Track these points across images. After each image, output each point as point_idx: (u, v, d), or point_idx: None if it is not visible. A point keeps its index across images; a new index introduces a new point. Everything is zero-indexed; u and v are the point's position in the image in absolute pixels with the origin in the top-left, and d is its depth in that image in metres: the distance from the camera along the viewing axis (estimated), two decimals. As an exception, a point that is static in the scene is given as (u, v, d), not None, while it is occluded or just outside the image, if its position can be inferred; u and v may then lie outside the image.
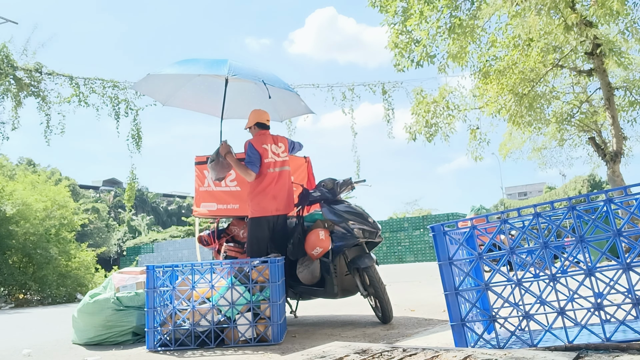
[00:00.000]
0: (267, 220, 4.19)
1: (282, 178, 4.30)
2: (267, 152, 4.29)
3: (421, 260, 24.03)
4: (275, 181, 4.25)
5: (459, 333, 2.36)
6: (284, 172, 4.33)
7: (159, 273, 3.58)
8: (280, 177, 4.28)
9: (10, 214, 10.63)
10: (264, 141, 4.31)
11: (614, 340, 2.03)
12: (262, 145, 4.28)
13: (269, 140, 4.34)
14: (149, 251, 28.97)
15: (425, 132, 12.94)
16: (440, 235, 2.44)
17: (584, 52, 10.82)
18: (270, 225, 4.21)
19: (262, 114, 4.48)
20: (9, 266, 10.57)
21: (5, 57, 13.81)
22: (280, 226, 4.30)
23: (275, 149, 4.34)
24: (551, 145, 15.95)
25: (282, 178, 4.30)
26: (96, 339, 3.87)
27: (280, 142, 4.41)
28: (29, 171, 16.71)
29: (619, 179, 11.58)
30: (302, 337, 3.75)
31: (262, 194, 4.20)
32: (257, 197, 4.21)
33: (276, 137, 4.42)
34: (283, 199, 4.27)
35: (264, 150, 4.28)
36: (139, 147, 15.12)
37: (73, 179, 39.14)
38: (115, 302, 3.91)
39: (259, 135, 4.37)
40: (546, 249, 2.21)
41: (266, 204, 4.19)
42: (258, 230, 4.19)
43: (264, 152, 4.27)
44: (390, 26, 10.88)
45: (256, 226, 4.20)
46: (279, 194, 4.24)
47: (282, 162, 4.33)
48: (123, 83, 15.02)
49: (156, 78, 4.69)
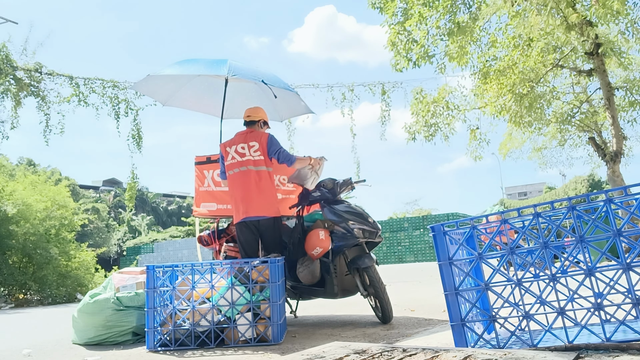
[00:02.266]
0: (246, 224, 4.01)
1: (242, 179, 4.01)
2: (228, 154, 4.11)
3: (421, 260, 24.03)
4: (236, 184, 4.04)
5: (459, 333, 2.36)
6: (244, 172, 4.02)
7: (159, 273, 3.58)
8: (238, 178, 4.03)
9: (11, 214, 10.63)
10: (231, 142, 4.15)
11: (614, 340, 2.03)
12: (226, 147, 4.14)
13: (239, 140, 4.12)
14: (149, 251, 28.98)
15: (425, 132, 12.94)
16: (440, 235, 2.44)
17: (585, 52, 10.82)
18: (252, 228, 4.01)
19: (246, 111, 4.31)
20: (9, 266, 10.57)
21: (5, 57, 13.82)
22: (265, 229, 4.02)
23: (241, 148, 4.07)
24: (551, 145, 15.96)
25: (241, 179, 4.01)
26: (96, 339, 3.87)
27: (253, 140, 4.09)
28: (29, 171, 16.69)
29: (619, 179, 11.58)
30: (302, 337, 3.75)
31: (231, 200, 4.16)
32: (230, 204, 4.19)
33: (251, 136, 4.12)
34: (251, 202, 3.98)
35: (226, 153, 4.13)
36: (140, 147, 15.13)
37: (73, 179, 39.14)
38: (115, 302, 3.91)
39: (234, 136, 4.21)
40: (546, 249, 2.21)
41: (235, 209, 4.07)
42: (241, 234, 4.08)
43: (226, 155, 4.13)
44: (390, 27, 10.90)
45: (239, 231, 4.11)
46: (245, 196, 3.99)
47: (243, 162, 4.04)
48: (123, 83, 15.04)
49: (156, 78, 4.70)
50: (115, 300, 3.92)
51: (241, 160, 4.05)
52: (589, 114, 13.84)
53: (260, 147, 4.08)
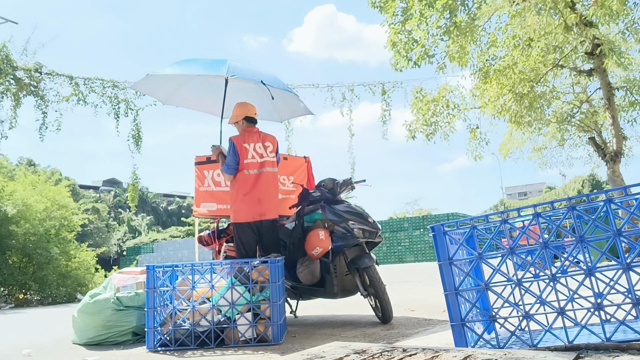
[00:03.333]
0: (249, 225, 4.00)
1: (262, 180, 4.02)
2: (247, 152, 4.01)
3: (421, 260, 24.03)
4: (253, 184, 3.99)
5: (459, 333, 2.36)
6: (264, 174, 4.03)
7: (159, 273, 3.58)
8: (259, 179, 4.01)
9: (11, 214, 10.63)
10: (247, 139, 4.05)
11: (614, 340, 2.03)
12: (243, 144, 4.03)
13: (254, 138, 4.07)
14: (149, 251, 28.99)
15: (425, 131, 12.94)
16: (440, 235, 2.44)
17: (584, 52, 10.82)
18: (254, 229, 4.01)
19: (250, 107, 4.21)
20: (9, 266, 10.57)
21: (5, 57, 13.82)
22: (266, 230, 4.05)
23: (259, 147, 4.07)
24: (551, 145, 15.94)
25: (261, 180, 4.01)
26: (96, 338, 3.87)
27: (268, 140, 4.13)
28: (29, 171, 16.69)
29: (619, 179, 11.58)
30: (302, 337, 3.75)
31: (241, 199, 3.99)
32: (236, 202, 4.01)
33: (265, 136, 4.15)
34: (270, 204, 4.03)
35: (244, 150, 4.01)
36: (139, 146, 15.14)
37: (73, 179, 39.14)
38: (115, 302, 3.91)
39: (244, 132, 4.11)
40: (546, 249, 2.21)
41: (247, 209, 3.97)
42: (242, 234, 4.03)
43: (243, 152, 4.01)
44: (390, 26, 10.90)
45: (239, 231, 4.04)
46: (264, 198, 4.00)
47: (262, 163, 4.05)
48: (123, 83, 15.04)
49: (156, 78, 4.70)
50: (115, 300, 3.92)
51: (261, 162, 4.05)
52: (589, 114, 13.84)
53: (274, 148, 4.16)
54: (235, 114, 4.20)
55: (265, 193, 4.03)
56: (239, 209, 4.02)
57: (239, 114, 4.18)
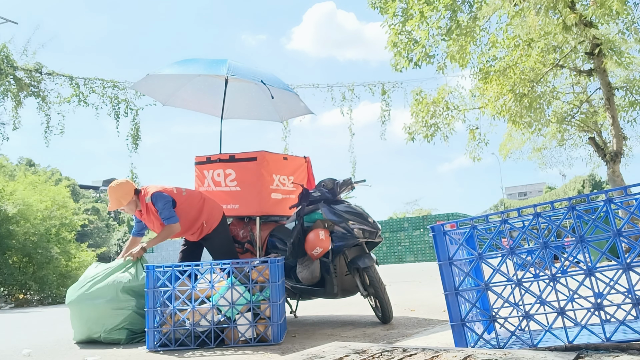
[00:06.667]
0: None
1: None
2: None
3: (421, 260, 24.04)
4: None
5: (459, 333, 2.36)
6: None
7: (159, 273, 3.58)
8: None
9: (12, 214, 10.63)
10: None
11: (614, 340, 2.03)
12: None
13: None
14: (148, 251, 28.95)
15: (424, 133, 12.95)
16: (440, 235, 2.44)
17: (584, 52, 10.82)
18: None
19: (127, 183, 4.04)
20: (9, 266, 10.56)
21: (6, 57, 13.82)
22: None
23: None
24: (551, 145, 15.95)
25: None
26: (94, 328, 3.81)
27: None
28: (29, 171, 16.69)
29: (619, 179, 11.59)
30: (302, 337, 3.75)
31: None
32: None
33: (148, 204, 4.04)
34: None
35: (169, 191, 4.04)
36: (137, 145, 15.16)
37: (73, 179, 39.13)
38: (116, 284, 3.84)
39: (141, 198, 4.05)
40: (546, 249, 2.21)
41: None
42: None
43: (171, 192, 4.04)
44: (390, 27, 10.89)
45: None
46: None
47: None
48: (123, 83, 15.05)
49: (155, 78, 4.70)
50: (116, 282, 3.85)
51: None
52: (589, 114, 13.84)
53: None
54: (118, 198, 3.95)
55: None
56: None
57: (125, 195, 3.96)
